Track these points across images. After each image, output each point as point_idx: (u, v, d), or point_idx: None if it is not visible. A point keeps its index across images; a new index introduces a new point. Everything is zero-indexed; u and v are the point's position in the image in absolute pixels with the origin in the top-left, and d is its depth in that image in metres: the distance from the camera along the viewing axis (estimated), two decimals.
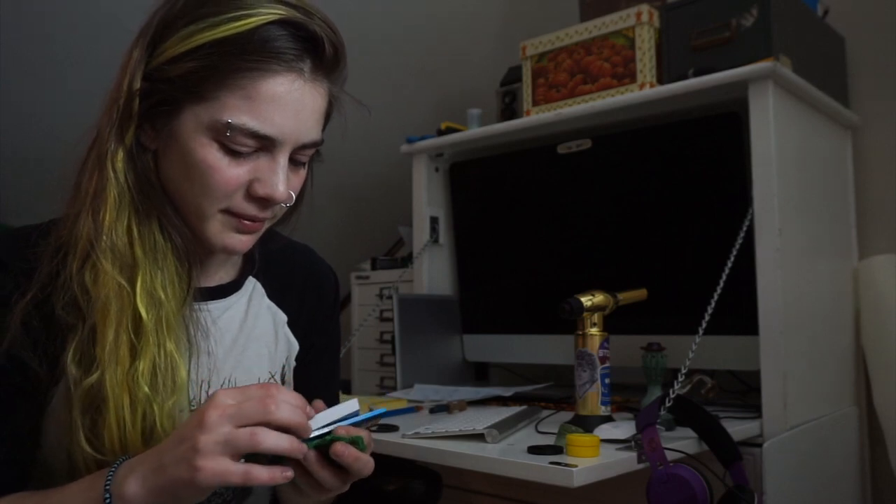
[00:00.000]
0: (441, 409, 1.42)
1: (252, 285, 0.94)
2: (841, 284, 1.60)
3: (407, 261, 1.97)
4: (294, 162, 0.80)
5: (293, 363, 0.98)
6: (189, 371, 0.80)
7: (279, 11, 0.74)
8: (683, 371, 1.19)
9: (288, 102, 0.75)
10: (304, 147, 0.79)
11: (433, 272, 1.89)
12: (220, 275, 0.90)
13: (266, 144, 0.76)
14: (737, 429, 1.20)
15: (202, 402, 0.83)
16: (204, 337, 0.83)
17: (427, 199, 1.88)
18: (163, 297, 0.77)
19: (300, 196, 0.88)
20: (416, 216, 1.89)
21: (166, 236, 0.79)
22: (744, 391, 1.53)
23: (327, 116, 0.84)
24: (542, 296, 1.71)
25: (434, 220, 1.89)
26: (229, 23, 0.73)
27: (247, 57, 0.73)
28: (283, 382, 0.94)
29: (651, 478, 1.00)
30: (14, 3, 2.59)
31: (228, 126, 0.74)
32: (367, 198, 2.63)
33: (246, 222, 0.80)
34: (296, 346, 0.97)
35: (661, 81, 1.51)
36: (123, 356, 0.73)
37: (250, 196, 0.78)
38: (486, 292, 1.85)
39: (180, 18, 0.75)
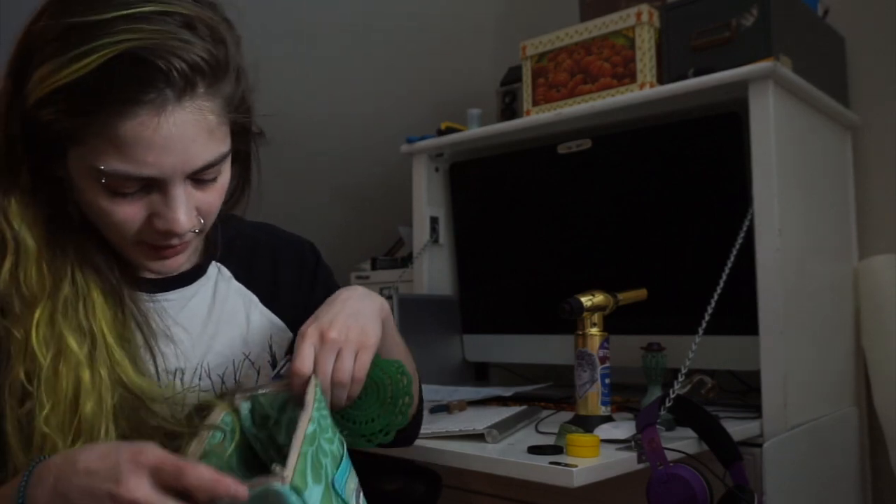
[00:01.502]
0: (441, 409, 1.42)
1: (217, 270, 0.93)
2: (841, 284, 1.60)
3: (407, 261, 1.97)
4: (200, 182, 0.76)
5: (286, 336, 0.96)
6: (157, 368, 0.80)
7: (125, 38, 0.67)
8: (683, 371, 1.19)
9: (156, 141, 0.69)
10: (200, 170, 0.74)
11: (433, 272, 1.89)
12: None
13: (150, 182, 0.72)
14: (737, 429, 1.20)
15: (176, 391, 0.84)
16: (168, 327, 0.84)
17: (427, 199, 1.88)
18: (68, 333, 0.74)
19: (245, 184, 0.87)
20: (416, 216, 1.89)
21: (85, 265, 0.78)
22: (744, 391, 1.53)
23: (236, 119, 0.78)
24: (542, 296, 1.71)
25: (434, 220, 1.89)
26: (73, 63, 0.67)
27: (96, 102, 0.67)
28: (274, 362, 0.94)
29: (651, 478, 1.00)
30: (15, 4, 2.59)
31: (102, 173, 0.70)
32: (367, 198, 2.63)
33: (160, 251, 0.78)
34: (278, 321, 0.95)
35: (661, 81, 1.51)
36: (23, 402, 0.72)
37: (153, 229, 0.75)
38: (486, 292, 1.85)
39: (34, 56, 0.70)
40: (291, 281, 0.99)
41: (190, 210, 0.75)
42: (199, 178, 0.76)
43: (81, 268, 0.78)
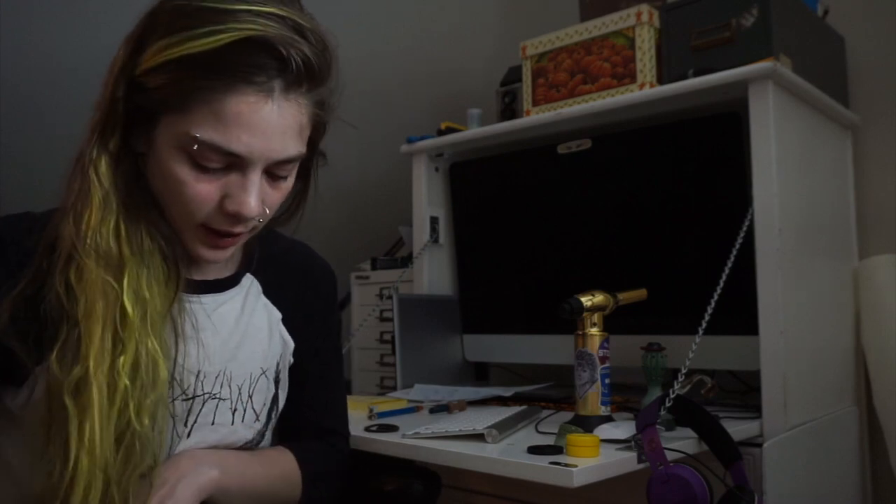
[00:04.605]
0: (441, 409, 1.42)
1: (249, 282, 0.95)
2: (841, 284, 1.60)
3: (407, 261, 1.97)
4: (273, 176, 0.80)
5: (290, 360, 0.98)
6: (175, 364, 0.81)
7: (252, 27, 0.74)
8: (683, 371, 1.19)
9: (255, 122, 0.75)
10: (279, 163, 0.79)
11: (433, 272, 1.89)
12: (219, 269, 0.91)
13: (235, 161, 0.76)
14: (737, 429, 1.20)
15: (196, 391, 0.85)
16: (197, 329, 0.85)
17: (427, 199, 1.88)
18: (147, 295, 0.78)
19: (302, 199, 0.89)
20: (416, 216, 1.89)
21: (154, 237, 0.80)
22: (744, 391, 1.53)
23: (317, 127, 0.84)
24: (542, 296, 1.71)
25: (434, 220, 1.89)
26: (199, 39, 0.73)
27: (214, 75, 0.73)
28: (276, 381, 0.95)
29: (651, 478, 1.00)
30: (15, 4, 2.59)
31: (196, 140, 0.74)
32: (367, 198, 2.63)
33: (219, 239, 0.81)
34: (291, 343, 0.97)
35: (661, 81, 1.51)
36: (107, 352, 0.74)
37: (222, 211, 0.78)
38: (486, 292, 1.85)
39: (158, 29, 0.75)
40: (307, 307, 1.00)
41: (258, 199, 0.78)
42: (274, 171, 0.80)
43: (151, 241, 0.80)
